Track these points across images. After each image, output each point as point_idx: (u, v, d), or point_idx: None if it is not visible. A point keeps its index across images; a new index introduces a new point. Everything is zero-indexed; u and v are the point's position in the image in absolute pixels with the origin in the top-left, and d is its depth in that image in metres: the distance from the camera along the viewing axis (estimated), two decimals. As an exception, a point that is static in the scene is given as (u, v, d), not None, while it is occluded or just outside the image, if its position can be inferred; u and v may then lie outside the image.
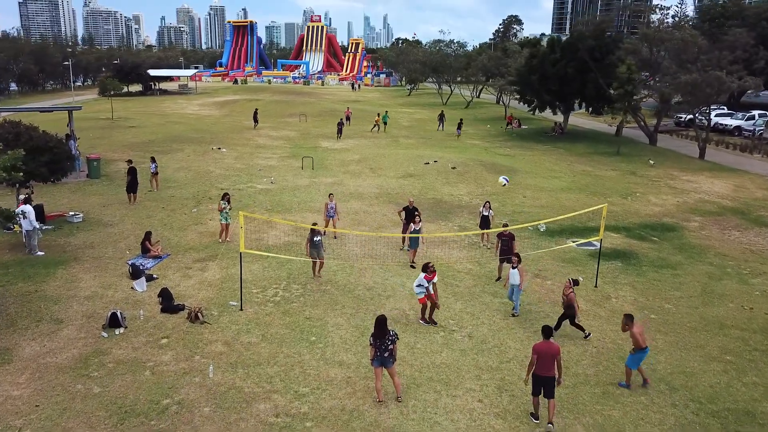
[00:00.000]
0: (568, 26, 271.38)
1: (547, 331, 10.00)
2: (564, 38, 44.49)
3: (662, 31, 34.48)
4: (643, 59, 37.40)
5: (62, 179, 20.86)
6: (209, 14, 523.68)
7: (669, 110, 39.48)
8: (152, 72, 79.76)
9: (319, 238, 15.88)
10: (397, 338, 10.00)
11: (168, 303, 13.43)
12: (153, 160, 24.98)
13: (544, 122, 52.64)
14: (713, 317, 13.87)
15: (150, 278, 15.04)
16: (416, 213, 17.94)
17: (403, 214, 17.83)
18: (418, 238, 16.66)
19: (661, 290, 15.43)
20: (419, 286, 12.85)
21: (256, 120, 45.57)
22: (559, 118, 46.92)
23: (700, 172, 31.31)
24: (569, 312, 12.58)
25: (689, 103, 34.28)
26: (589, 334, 12.64)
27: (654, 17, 42.10)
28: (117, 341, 11.90)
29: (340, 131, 41.09)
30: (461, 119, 46.22)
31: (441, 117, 48.35)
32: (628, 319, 10.77)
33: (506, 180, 22.57)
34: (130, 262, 16.04)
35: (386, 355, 9.72)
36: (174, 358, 11.31)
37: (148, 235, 16.95)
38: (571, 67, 39.21)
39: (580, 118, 53.42)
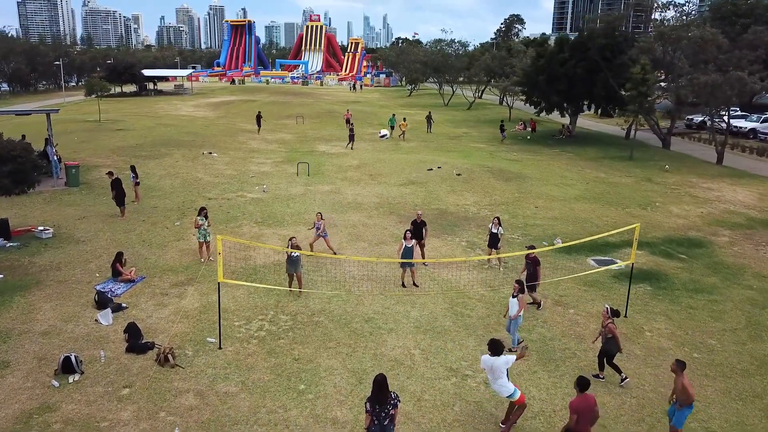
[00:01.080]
0: (569, 26, 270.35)
1: (583, 384, 8.20)
2: (572, 37, 42.53)
3: (679, 29, 32.58)
4: (656, 59, 35.55)
5: (30, 190, 18.98)
6: (208, 14, 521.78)
7: (681, 112, 37.62)
8: (146, 72, 77.92)
9: (297, 253, 14.12)
10: (399, 401, 8.17)
11: (135, 341, 11.59)
12: (133, 169, 22.90)
13: (550, 124, 50.81)
14: (766, 356, 12.03)
15: (118, 308, 13.19)
16: (424, 228, 16.11)
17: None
18: (412, 255, 14.83)
19: (700, 321, 13.58)
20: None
21: (259, 124, 42.74)
22: (565, 119, 45.14)
23: (719, 179, 29.46)
24: (609, 347, 10.72)
25: (707, 104, 32.41)
26: (626, 378, 10.81)
27: (665, 15, 40.28)
28: (69, 392, 10.05)
29: (351, 138, 36.76)
30: (503, 121, 44.49)
31: (429, 118, 46.27)
32: (680, 367, 8.95)
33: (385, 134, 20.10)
34: (98, 288, 14.22)
35: (386, 422, 7.88)
36: (135, 415, 9.46)
37: (119, 256, 15.10)
38: (581, 67, 37.37)
39: (588, 120, 51.59)
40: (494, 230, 16.32)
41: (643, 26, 39.40)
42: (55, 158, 25.17)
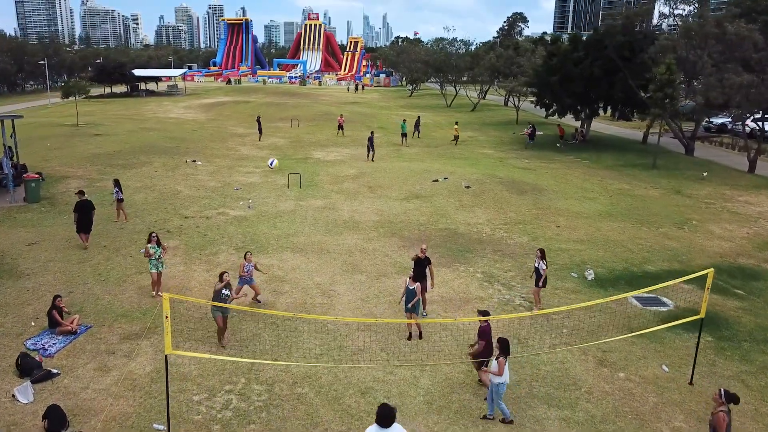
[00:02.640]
0: (570, 25, 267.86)
1: None
2: (582, 35, 39.59)
3: (708, 23, 29.68)
4: (679, 57, 32.68)
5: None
6: (208, 13, 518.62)
7: (708, 115, 34.76)
8: (137, 72, 75.08)
9: (228, 291, 11.44)
10: None
11: (56, 430, 8.75)
12: (116, 183, 19.90)
13: (554, 127, 47.93)
14: None
15: (47, 376, 10.35)
16: (429, 267, 13.23)
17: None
18: (415, 298, 11.95)
19: (786, 390, 10.74)
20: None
21: (260, 129, 39.02)
22: (570, 121, 42.33)
23: (756, 191, 26.60)
24: None
25: (738, 107, 29.55)
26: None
27: (681, 10, 37.23)
28: None
29: (371, 148, 31.81)
30: (533, 125, 41.64)
31: (417, 123, 43.01)
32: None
33: (273, 162, 15.80)
34: (27, 344, 11.40)
35: None
36: None
37: (55, 301, 12.22)
38: (597, 67, 34.50)
39: (600, 123, 48.68)
40: (537, 264, 13.41)
41: (659, 22, 36.47)
42: (11, 170, 22.28)
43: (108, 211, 20.68)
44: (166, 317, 8.44)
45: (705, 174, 28.92)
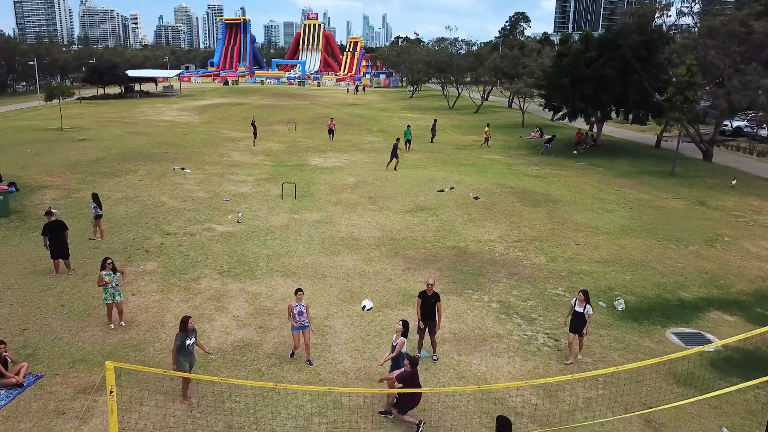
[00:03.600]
0: (571, 25, 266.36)
1: None
2: (593, 34, 37.64)
3: (736, 20, 27.76)
4: (699, 58, 30.79)
5: None
6: (207, 13, 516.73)
7: (730, 118, 32.88)
8: (131, 73, 73.17)
9: (192, 340, 9.67)
10: None
11: None
12: (95, 198, 18.01)
13: (563, 130, 46.05)
14: None
15: (-25, 448, 8.47)
16: (437, 305, 11.29)
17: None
18: (398, 362, 9.76)
19: None
20: None
21: (255, 134, 36.93)
22: (579, 125, 40.42)
23: (786, 202, 24.74)
24: None
25: (765, 110, 27.68)
26: None
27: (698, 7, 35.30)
28: None
29: (394, 154, 28.85)
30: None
31: (433, 128, 41.14)
32: None
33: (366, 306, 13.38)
34: (-40, 402, 9.50)
35: None
36: None
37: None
38: (611, 68, 32.61)
39: (609, 126, 46.75)
40: (579, 308, 11.37)
41: (676, 20, 34.55)
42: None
43: (84, 226, 18.88)
44: (111, 392, 6.55)
45: (734, 182, 27.05)
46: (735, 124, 43.95)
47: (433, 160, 33.09)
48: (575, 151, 35.44)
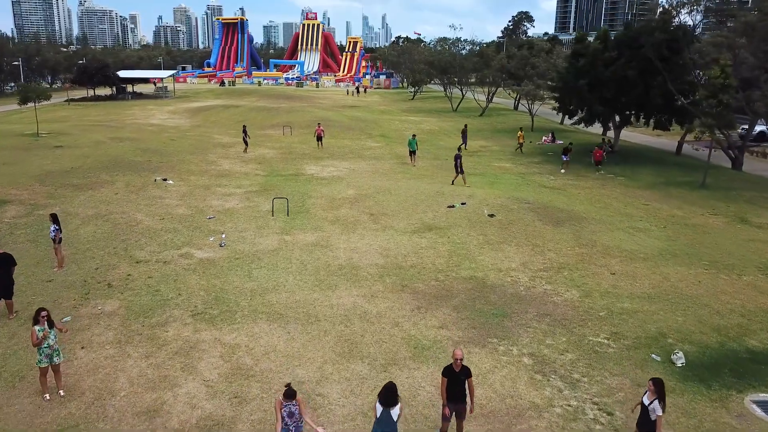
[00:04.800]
0: (572, 25, 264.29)
1: None
2: (612, 32, 35.02)
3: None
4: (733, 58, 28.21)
5: None
6: (206, 14, 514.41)
7: (754, 124, 30.31)
8: (122, 73, 70.55)
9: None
10: None
11: None
12: (54, 219, 15.39)
13: (576, 135, 43.53)
14: None
15: None
16: (468, 382, 8.64)
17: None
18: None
19: None
20: None
21: (246, 141, 33.84)
22: (591, 129, 37.85)
23: (836, 218, 22.17)
24: None
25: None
26: None
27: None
28: None
29: (459, 167, 25.44)
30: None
31: (464, 134, 37.55)
32: None
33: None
34: None
35: None
36: None
37: None
38: (632, 69, 30.04)
39: (623, 131, 44.25)
40: (647, 401, 8.28)
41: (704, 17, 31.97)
42: None
43: (43, 252, 16.38)
44: None
45: None
46: (758, 128, 41.35)
47: (440, 169, 30.52)
48: (600, 170, 31.70)
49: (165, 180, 25.35)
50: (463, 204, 21.79)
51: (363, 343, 11.82)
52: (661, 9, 31.43)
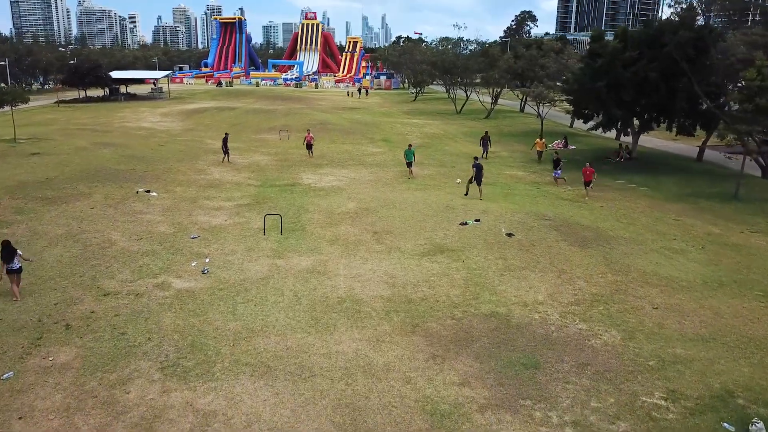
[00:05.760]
0: (573, 25, 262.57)
1: None
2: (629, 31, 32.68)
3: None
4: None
5: None
6: (206, 14, 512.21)
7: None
8: (115, 74, 68.33)
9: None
10: None
11: None
12: (6, 246, 13.19)
13: (588, 140, 41.37)
14: None
15: None
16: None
17: None
18: None
19: None
20: None
21: (225, 150, 30.17)
22: (598, 133, 35.65)
23: None
24: None
25: None
26: None
27: None
28: None
29: (478, 177, 23.09)
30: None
31: (485, 141, 33.70)
32: None
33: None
34: None
35: None
36: None
37: None
38: (654, 70, 27.86)
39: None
40: None
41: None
42: None
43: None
44: None
45: None
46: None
47: (446, 178, 28.34)
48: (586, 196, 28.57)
49: (148, 192, 23.14)
50: (476, 221, 19.59)
51: (368, 409, 9.62)
52: (684, 5, 29.17)
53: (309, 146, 32.93)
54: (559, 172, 27.13)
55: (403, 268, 15.80)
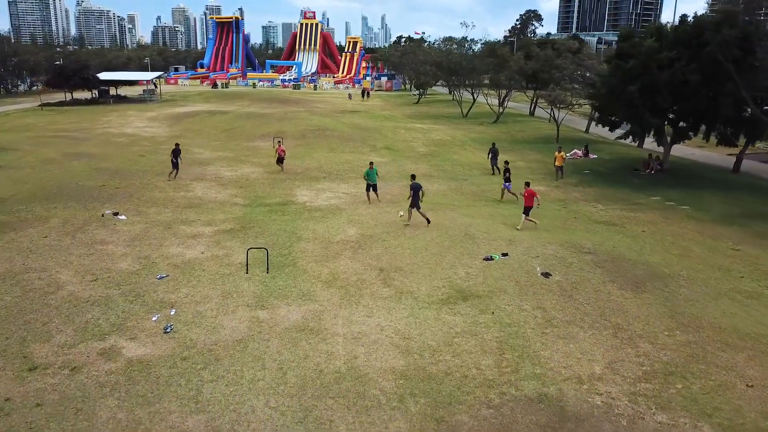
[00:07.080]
0: (574, 25, 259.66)
1: None
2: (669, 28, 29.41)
3: None
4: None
5: None
6: (205, 14, 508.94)
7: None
8: (103, 76, 65.04)
9: None
10: None
11: None
12: None
13: (609, 147, 38.09)
14: None
15: None
16: None
17: None
18: None
19: None
20: None
21: (174, 164, 25.87)
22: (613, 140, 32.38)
23: None
24: None
25: None
26: None
27: None
28: None
29: (414, 202, 19.03)
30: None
31: (493, 154, 29.94)
32: None
33: None
34: None
35: None
36: None
37: None
38: (694, 72, 24.63)
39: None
40: None
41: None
42: None
43: None
44: None
45: None
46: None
47: (459, 194, 25.11)
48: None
49: (116, 214, 19.89)
50: (504, 255, 16.32)
51: None
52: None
53: (280, 160, 28.75)
54: (509, 184, 23.68)
55: (419, 324, 12.54)
